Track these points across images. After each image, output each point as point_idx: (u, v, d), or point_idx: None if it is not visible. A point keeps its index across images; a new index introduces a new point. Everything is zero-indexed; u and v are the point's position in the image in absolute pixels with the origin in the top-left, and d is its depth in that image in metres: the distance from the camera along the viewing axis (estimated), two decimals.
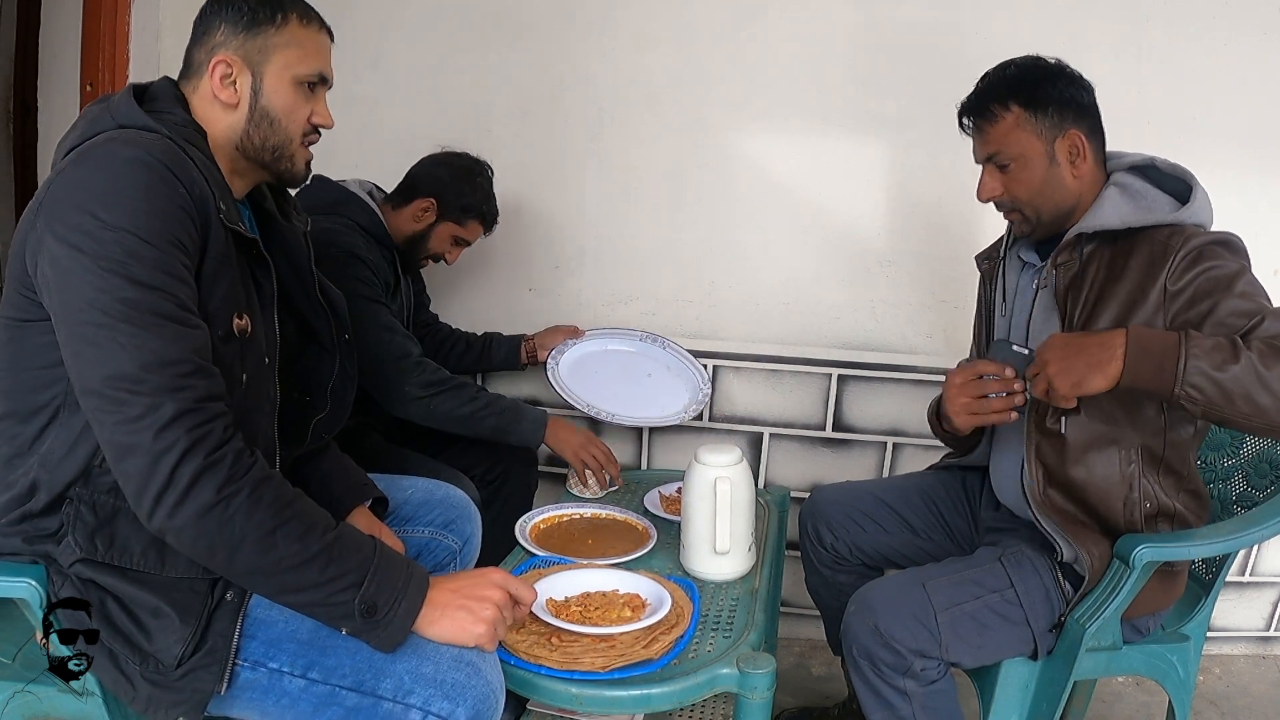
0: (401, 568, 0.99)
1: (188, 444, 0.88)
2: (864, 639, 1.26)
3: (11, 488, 1.01)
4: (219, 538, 0.91)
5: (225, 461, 0.90)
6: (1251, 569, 2.17)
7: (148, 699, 0.98)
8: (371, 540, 1.00)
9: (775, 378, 2.15)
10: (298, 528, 0.93)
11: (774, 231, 2.15)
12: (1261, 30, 1.95)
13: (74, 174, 0.93)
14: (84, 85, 2.05)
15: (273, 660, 1.00)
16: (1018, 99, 1.30)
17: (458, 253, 1.96)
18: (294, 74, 1.09)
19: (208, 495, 0.89)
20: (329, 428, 1.32)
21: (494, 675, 1.01)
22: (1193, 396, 1.09)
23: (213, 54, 1.07)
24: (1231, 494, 1.51)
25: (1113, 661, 1.33)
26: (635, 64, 2.12)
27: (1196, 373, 1.08)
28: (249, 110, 1.08)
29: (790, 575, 2.04)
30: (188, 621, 0.98)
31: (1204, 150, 1.99)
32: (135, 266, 0.90)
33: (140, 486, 0.89)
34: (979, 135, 1.35)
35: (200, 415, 0.90)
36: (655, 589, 1.23)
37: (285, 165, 1.13)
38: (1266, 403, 1.07)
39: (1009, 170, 1.32)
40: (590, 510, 1.60)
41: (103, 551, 0.99)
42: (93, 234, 0.89)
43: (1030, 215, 1.34)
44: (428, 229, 1.88)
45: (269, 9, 1.08)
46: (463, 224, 1.90)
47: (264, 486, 0.93)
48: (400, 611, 0.96)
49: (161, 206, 0.93)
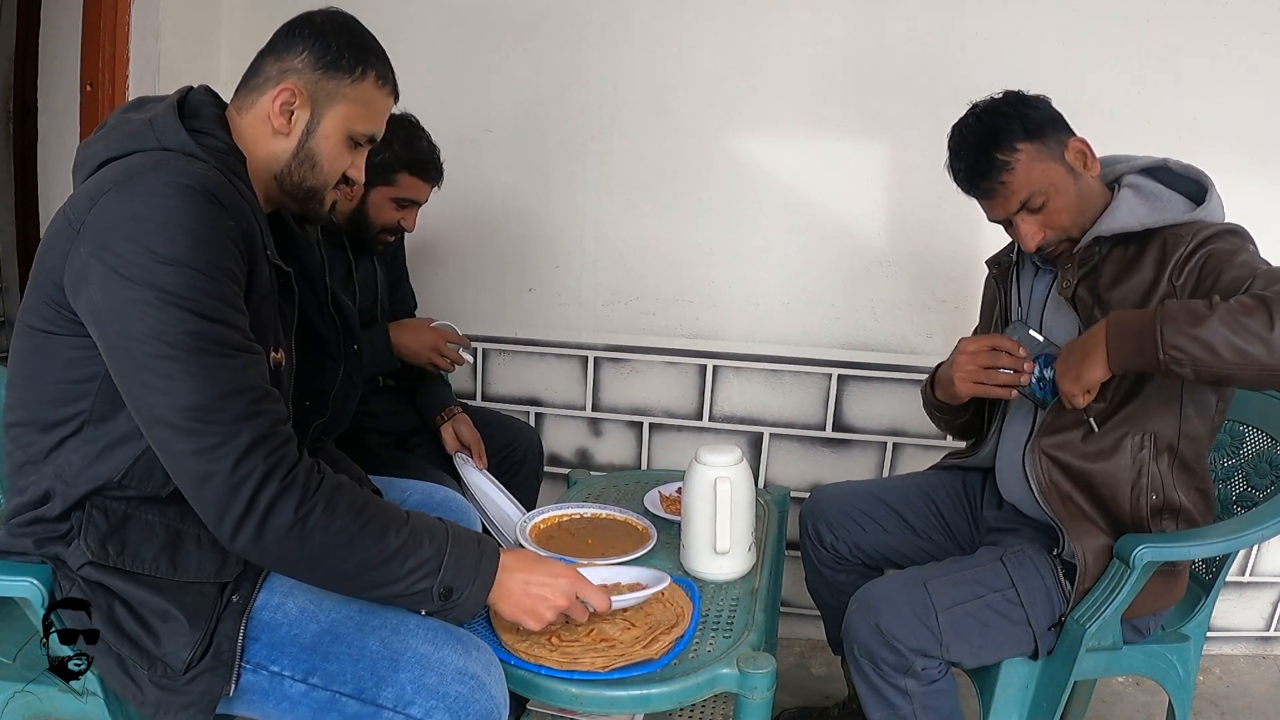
0: (473, 547, 1.01)
1: (265, 470, 0.90)
2: (865, 638, 1.26)
3: (23, 493, 1.01)
4: (301, 553, 0.93)
5: (299, 481, 0.92)
6: (1251, 569, 2.17)
7: (156, 703, 0.98)
8: (443, 524, 1.02)
9: (775, 378, 2.15)
10: (375, 529, 0.95)
11: (774, 231, 2.15)
12: (1261, 30, 1.95)
13: (122, 203, 0.91)
14: (84, 85, 2.05)
15: (274, 664, 1.00)
16: (1018, 136, 1.26)
17: (412, 215, 1.80)
18: (350, 129, 1.08)
19: (287, 516, 0.91)
20: (329, 432, 1.32)
21: (499, 690, 1.01)
22: (1178, 359, 1.09)
23: (285, 76, 1.05)
24: (1231, 494, 1.51)
25: (1113, 661, 1.33)
26: (636, 64, 2.12)
27: (1174, 334, 1.09)
28: (297, 146, 1.07)
29: (790, 575, 2.04)
30: (197, 625, 0.98)
31: (1203, 151, 1.98)
32: (198, 299, 0.89)
33: (220, 513, 0.90)
34: (1001, 190, 1.29)
35: (274, 440, 0.92)
36: (653, 574, 1.24)
37: (314, 205, 1.12)
38: (1256, 351, 1.05)
39: (1046, 207, 1.28)
40: (591, 510, 1.60)
41: (114, 556, 0.99)
42: (149, 268, 0.88)
43: (1076, 233, 1.31)
44: (361, 202, 1.75)
45: (353, 59, 1.06)
46: (392, 182, 1.73)
47: (337, 496, 0.94)
48: (475, 589, 1.00)
49: (215, 236, 0.92)
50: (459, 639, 1.02)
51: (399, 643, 1.00)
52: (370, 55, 1.09)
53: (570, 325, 2.24)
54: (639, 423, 2.23)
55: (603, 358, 2.22)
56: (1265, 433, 1.46)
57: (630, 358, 2.20)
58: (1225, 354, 1.07)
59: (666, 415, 2.22)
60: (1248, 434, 1.50)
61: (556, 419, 2.26)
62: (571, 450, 2.28)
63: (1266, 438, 1.46)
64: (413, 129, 1.76)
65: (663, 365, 2.19)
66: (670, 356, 2.18)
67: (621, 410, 2.23)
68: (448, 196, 2.21)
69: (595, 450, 2.27)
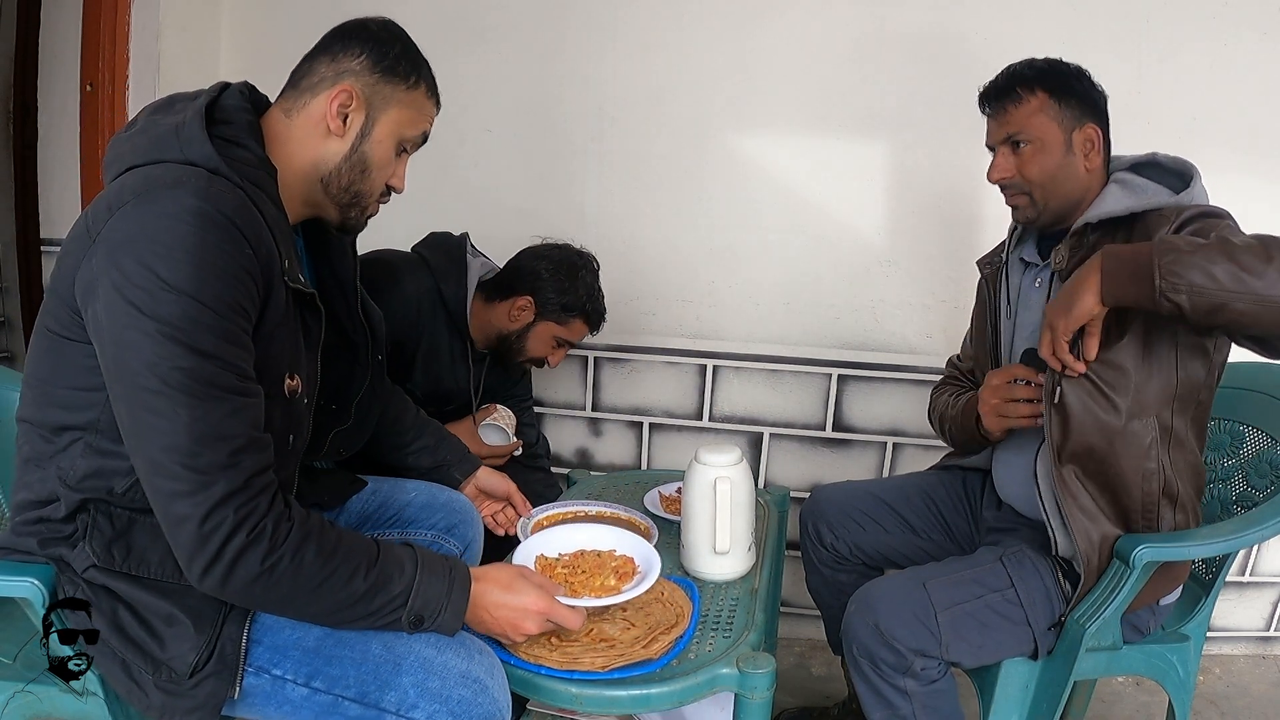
0: (443, 577, 1.02)
1: (234, 524, 0.89)
2: (865, 638, 1.27)
3: (30, 489, 1.01)
4: (268, 599, 0.94)
5: (266, 533, 0.91)
6: (1251, 569, 2.17)
7: (162, 707, 0.98)
8: (414, 555, 1.02)
9: (775, 378, 2.15)
10: (343, 574, 0.95)
11: (774, 231, 2.15)
12: (1261, 30, 1.95)
13: (137, 219, 0.89)
14: (84, 85, 2.05)
15: (276, 667, 1.00)
16: (1044, 85, 1.33)
17: (561, 354, 1.84)
18: (401, 133, 1.09)
19: (253, 568, 0.91)
20: (348, 443, 1.31)
21: (501, 694, 1.01)
22: (1175, 285, 1.07)
23: (341, 78, 1.05)
24: (1231, 494, 1.51)
25: (1113, 661, 1.33)
26: (636, 64, 2.12)
27: (1173, 260, 1.07)
28: (350, 149, 1.07)
29: (790, 575, 2.04)
30: (202, 629, 0.98)
31: (1203, 151, 1.97)
32: (195, 334, 0.88)
33: (189, 556, 0.90)
34: (999, 116, 1.36)
35: (248, 493, 0.91)
36: (648, 554, 1.22)
37: (355, 214, 1.12)
38: (1252, 281, 1.04)
39: (1023, 152, 1.34)
40: (594, 508, 1.60)
41: (119, 561, 0.99)
42: (153, 293, 0.87)
43: (1038, 199, 1.36)
44: (525, 329, 1.78)
45: (409, 67, 1.08)
46: (564, 323, 1.78)
47: (305, 547, 0.94)
48: (446, 617, 1.00)
49: (225, 267, 0.90)
50: (462, 642, 1.02)
51: (401, 646, 1.00)
52: (423, 66, 1.11)
53: None
54: (639, 423, 2.23)
55: (603, 358, 2.22)
56: (1265, 433, 1.46)
57: (630, 358, 2.20)
58: (1223, 279, 1.05)
59: (666, 415, 2.22)
60: (1248, 434, 1.50)
61: (556, 419, 2.26)
62: (571, 450, 2.28)
63: (1266, 438, 1.46)
64: (595, 278, 1.82)
65: (663, 365, 2.19)
66: (670, 356, 2.18)
67: (621, 410, 2.23)
68: (448, 196, 2.21)
69: (595, 450, 2.27)
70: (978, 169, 1.41)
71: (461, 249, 1.81)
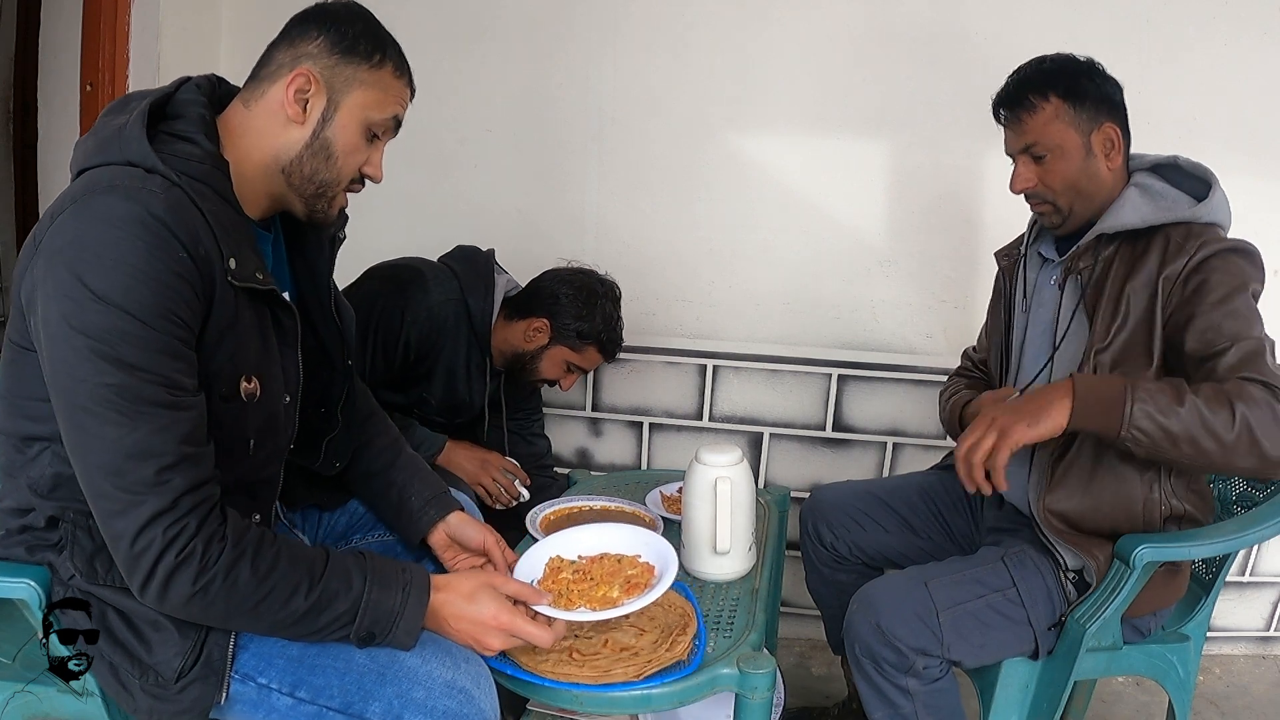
0: (397, 590, 0.98)
1: (162, 545, 0.87)
2: (866, 637, 1.26)
3: (11, 497, 1.01)
4: (208, 615, 0.93)
5: (196, 554, 0.89)
6: (1251, 569, 2.17)
7: (149, 711, 0.97)
8: (363, 570, 0.98)
9: (775, 378, 2.15)
10: (280, 593, 0.93)
11: (774, 231, 2.15)
12: (1261, 30, 1.95)
13: (71, 226, 0.87)
14: (84, 85, 2.05)
15: (262, 675, 0.99)
16: (1057, 90, 1.31)
17: (573, 379, 1.83)
18: (367, 116, 1.03)
19: (185, 588, 0.89)
20: (340, 452, 1.27)
21: (488, 703, 0.99)
22: (1138, 439, 1.13)
23: (299, 62, 1.00)
24: (1231, 494, 1.51)
25: (1113, 661, 1.33)
26: (636, 64, 2.12)
27: (1143, 417, 1.12)
28: (311, 135, 1.01)
29: (790, 575, 2.04)
30: (187, 635, 0.97)
31: (1204, 151, 1.96)
32: (123, 348, 0.85)
33: (127, 573, 0.90)
34: (1015, 126, 1.35)
35: (175, 513, 0.88)
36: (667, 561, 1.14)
37: (321, 205, 1.06)
38: (1209, 446, 1.10)
39: (1045, 161, 1.33)
40: (600, 503, 1.61)
41: (102, 575, 0.98)
42: (82, 304, 0.85)
43: (1064, 207, 1.35)
44: (539, 350, 1.76)
45: (370, 45, 1.02)
46: (578, 350, 1.77)
47: (238, 567, 0.91)
48: (398, 633, 0.98)
49: (157, 275, 0.86)
50: (448, 652, 1.01)
51: (386, 655, 0.98)
52: (388, 44, 1.04)
53: None
54: (639, 423, 2.23)
55: None
56: None
57: (630, 358, 2.19)
58: (1184, 447, 1.12)
59: (666, 415, 2.21)
60: None
61: (557, 419, 2.26)
62: (572, 450, 2.28)
63: None
64: (615, 307, 1.80)
65: (663, 365, 2.19)
66: (670, 356, 2.18)
67: (621, 410, 2.23)
68: (448, 197, 2.21)
69: (595, 450, 2.27)
70: (978, 169, 1.41)
71: (489, 264, 1.81)
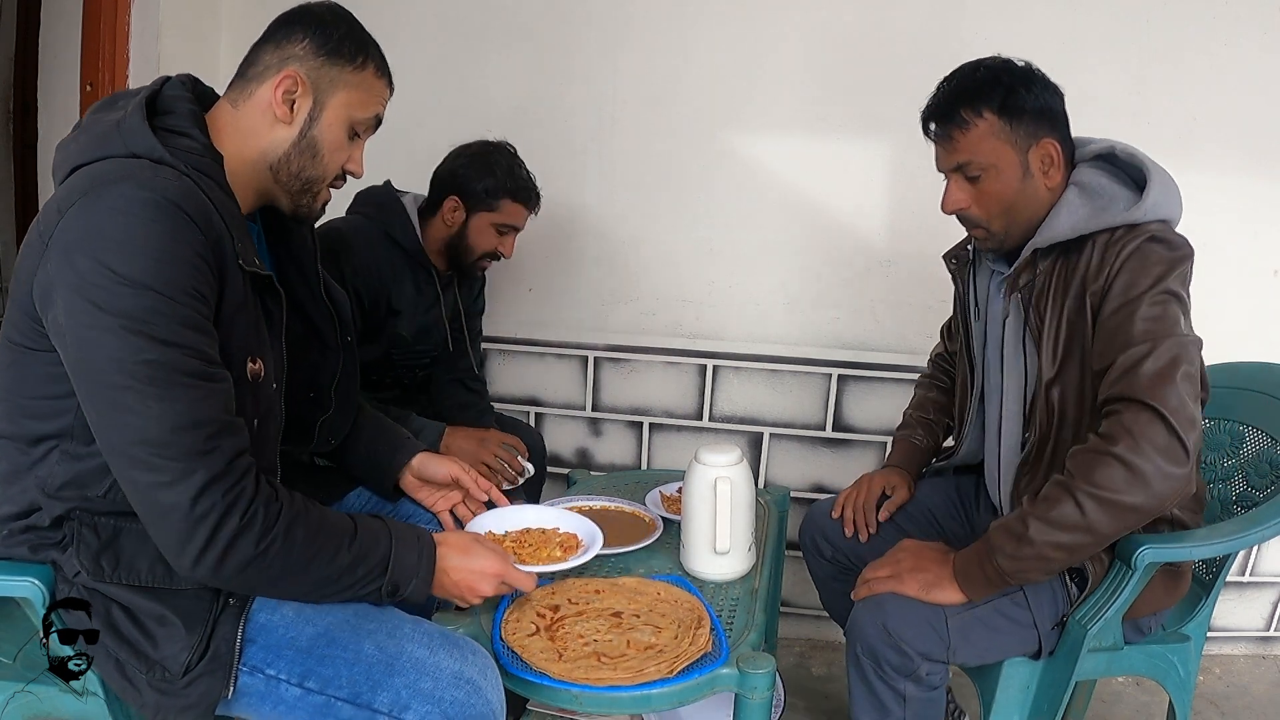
0: (414, 545, 1.05)
1: (224, 509, 0.90)
2: (872, 638, 1.25)
3: (13, 502, 1.01)
4: (260, 579, 0.96)
5: (259, 517, 0.93)
6: (1251, 569, 2.17)
7: (156, 706, 0.98)
8: (386, 530, 1.05)
9: (775, 378, 2.15)
10: (329, 550, 0.98)
11: (774, 231, 2.15)
12: (1261, 30, 1.95)
13: (86, 217, 0.89)
14: (84, 85, 2.05)
15: (270, 667, 0.99)
16: (992, 105, 1.21)
17: (510, 241, 1.85)
18: (351, 115, 1.08)
19: (248, 551, 0.92)
20: (335, 430, 1.31)
21: (495, 695, 1.01)
22: (1027, 577, 1.19)
23: (286, 64, 1.04)
24: (1231, 494, 1.51)
25: (1114, 662, 1.33)
26: (636, 64, 2.12)
27: (1008, 561, 1.17)
28: (298, 135, 1.06)
29: (790, 575, 2.04)
30: (194, 629, 0.97)
31: (1204, 150, 1.99)
32: (157, 324, 0.88)
33: (179, 545, 0.91)
34: (946, 143, 1.26)
35: (231, 476, 0.91)
36: (590, 529, 1.31)
37: (306, 201, 1.11)
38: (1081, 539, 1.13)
39: (979, 182, 1.25)
40: (599, 503, 1.61)
41: (109, 572, 0.99)
42: (110, 289, 0.87)
43: (998, 230, 1.28)
44: (462, 228, 1.81)
45: (354, 48, 1.07)
46: (495, 208, 1.80)
47: (295, 526, 0.96)
48: (418, 583, 1.04)
49: (179, 255, 0.90)
50: (455, 643, 1.02)
51: (394, 647, 1.00)
52: (369, 46, 1.10)
53: (570, 325, 2.24)
54: (639, 423, 2.23)
55: (603, 357, 2.22)
56: (1265, 433, 1.46)
57: (630, 358, 2.20)
58: (1059, 555, 1.14)
59: (666, 415, 2.21)
60: (1248, 434, 1.49)
61: (556, 419, 2.26)
62: (571, 450, 2.28)
63: (1266, 438, 1.46)
64: (512, 158, 1.83)
65: (663, 365, 2.19)
66: (670, 356, 2.18)
67: (621, 410, 2.23)
68: None
69: (595, 450, 2.27)
70: None
71: (390, 192, 1.84)
